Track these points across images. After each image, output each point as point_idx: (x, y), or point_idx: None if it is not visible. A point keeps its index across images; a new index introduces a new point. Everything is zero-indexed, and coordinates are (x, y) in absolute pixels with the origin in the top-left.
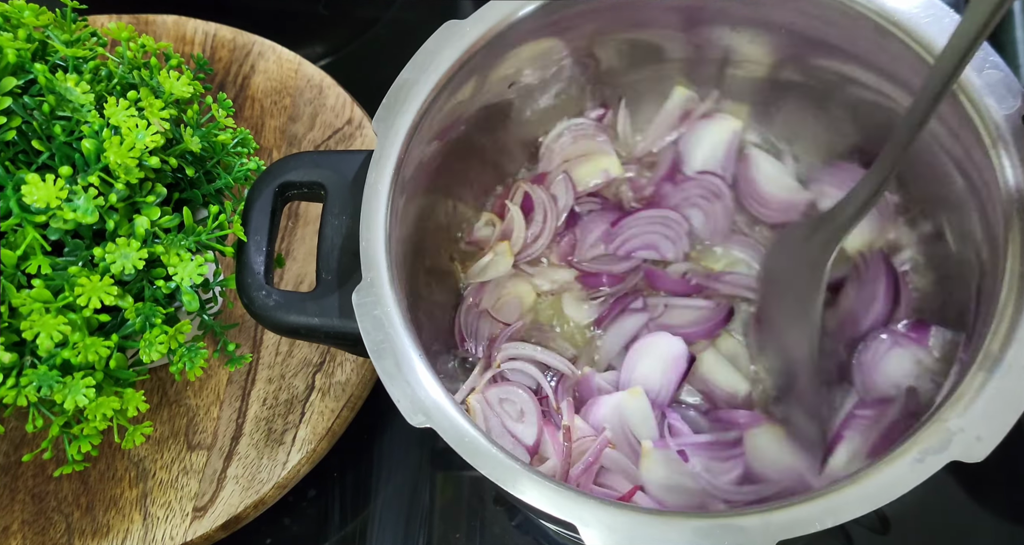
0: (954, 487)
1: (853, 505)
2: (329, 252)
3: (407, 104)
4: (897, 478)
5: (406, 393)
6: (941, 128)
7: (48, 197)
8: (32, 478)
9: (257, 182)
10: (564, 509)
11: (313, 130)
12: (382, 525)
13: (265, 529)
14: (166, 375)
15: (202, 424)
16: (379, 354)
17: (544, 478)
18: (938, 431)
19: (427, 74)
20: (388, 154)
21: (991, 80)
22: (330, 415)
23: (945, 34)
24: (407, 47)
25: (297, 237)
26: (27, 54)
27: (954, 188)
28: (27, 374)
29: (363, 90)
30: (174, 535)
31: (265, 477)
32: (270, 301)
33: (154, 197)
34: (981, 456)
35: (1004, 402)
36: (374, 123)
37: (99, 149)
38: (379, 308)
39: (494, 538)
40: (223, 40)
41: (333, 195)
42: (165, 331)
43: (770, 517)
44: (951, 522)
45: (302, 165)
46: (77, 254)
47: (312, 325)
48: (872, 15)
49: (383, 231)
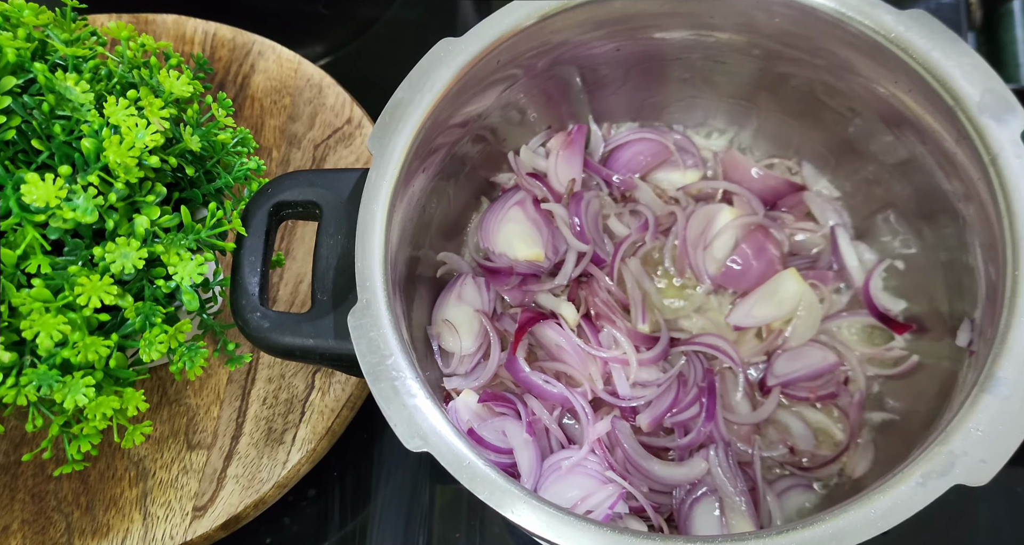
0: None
1: (857, 530)
2: (324, 272)
3: (402, 123)
4: (901, 502)
5: (403, 417)
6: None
7: (48, 196)
8: (32, 477)
9: (251, 202)
10: (563, 535)
11: (313, 129)
12: (382, 525)
13: (265, 529)
14: (166, 374)
15: (202, 423)
16: (375, 377)
17: (543, 503)
18: (941, 454)
19: (422, 93)
20: (384, 174)
21: (990, 98)
22: (330, 415)
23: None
24: (407, 47)
25: (297, 236)
26: (27, 53)
27: (954, 206)
28: (27, 373)
29: (363, 89)
30: (174, 534)
31: (265, 476)
32: (265, 322)
33: (154, 196)
34: (985, 479)
35: (1007, 424)
36: (369, 142)
37: (99, 148)
38: (375, 330)
39: (494, 538)
40: (223, 39)
41: (328, 214)
42: (165, 330)
43: (773, 542)
44: (950, 521)
45: (297, 184)
46: (77, 253)
47: (307, 346)
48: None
49: (379, 251)
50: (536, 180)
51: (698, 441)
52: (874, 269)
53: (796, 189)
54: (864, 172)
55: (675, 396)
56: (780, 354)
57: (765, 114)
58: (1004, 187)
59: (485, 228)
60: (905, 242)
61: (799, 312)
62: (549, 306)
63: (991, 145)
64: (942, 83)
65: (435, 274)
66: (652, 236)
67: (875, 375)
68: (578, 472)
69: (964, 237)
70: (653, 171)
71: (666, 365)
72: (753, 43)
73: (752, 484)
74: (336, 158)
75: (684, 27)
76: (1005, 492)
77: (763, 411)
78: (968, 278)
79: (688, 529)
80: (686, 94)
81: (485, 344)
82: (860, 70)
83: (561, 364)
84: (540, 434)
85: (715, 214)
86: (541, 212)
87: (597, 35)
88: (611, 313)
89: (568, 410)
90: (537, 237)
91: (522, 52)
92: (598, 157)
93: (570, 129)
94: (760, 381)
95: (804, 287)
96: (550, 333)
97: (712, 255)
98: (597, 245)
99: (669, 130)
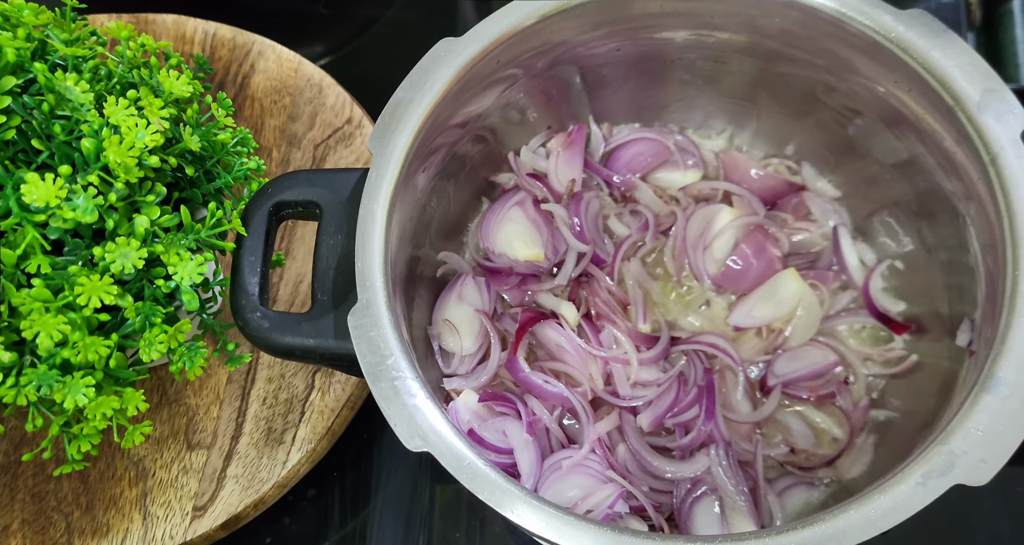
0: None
1: (857, 530)
2: (324, 272)
3: (402, 123)
4: (901, 502)
5: (403, 416)
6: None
7: (48, 196)
8: (32, 477)
9: (251, 202)
10: (563, 535)
11: (313, 129)
12: (382, 525)
13: (265, 528)
14: (166, 374)
15: (202, 423)
16: (375, 377)
17: (543, 503)
18: (941, 454)
19: (422, 93)
20: (384, 173)
21: (990, 98)
22: (330, 414)
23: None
24: (407, 47)
25: (297, 236)
26: (27, 53)
27: (954, 206)
28: (27, 373)
29: (363, 89)
30: (174, 534)
31: (265, 476)
32: (265, 322)
33: (154, 196)
34: (985, 479)
35: (1007, 424)
36: (369, 142)
37: (99, 148)
38: (375, 330)
39: (494, 537)
40: (223, 39)
41: (328, 214)
42: (165, 330)
43: (773, 542)
44: (950, 521)
45: (297, 184)
46: (77, 253)
47: (307, 346)
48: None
49: (379, 251)
50: (536, 180)
51: (699, 440)
52: (874, 269)
53: (796, 189)
54: (864, 172)
55: (675, 396)
56: (780, 354)
57: (765, 114)
58: (1004, 187)
59: (485, 228)
60: (905, 242)
61: (799, 312)
62: (549, 306)
63: (991, 145)
64: (942, 83)
65: (435, 274)
66: (652, 236)
67: (875, 375)
68: (578, 471)
69: (964, 237)
70: (654, 171)
71: (666, 365)
72: (753, 43)
73: (753, 483)
74: (336, 158)
75: (684, 27)
76: (1005, 492)
77: (764, 410)
78: (968, 278)
79: (688, 528)
80: (686, 94)
81: (485, 344)
82: (860, 70)
83: (561, 364)
84: (540, 434)
85: (715, 215)
86: (541, 212)
87: (597, 35)
88: (612, 313)
89: (568, 410)
90: (537, 237)
91: (522, 52)
92: (598, 157)
93: (570, 129)
94: (760, 381)
95: (804, 287)
96: (550, 333)
97: (712, 256)
98: (597, 245)
99: (669, 130)
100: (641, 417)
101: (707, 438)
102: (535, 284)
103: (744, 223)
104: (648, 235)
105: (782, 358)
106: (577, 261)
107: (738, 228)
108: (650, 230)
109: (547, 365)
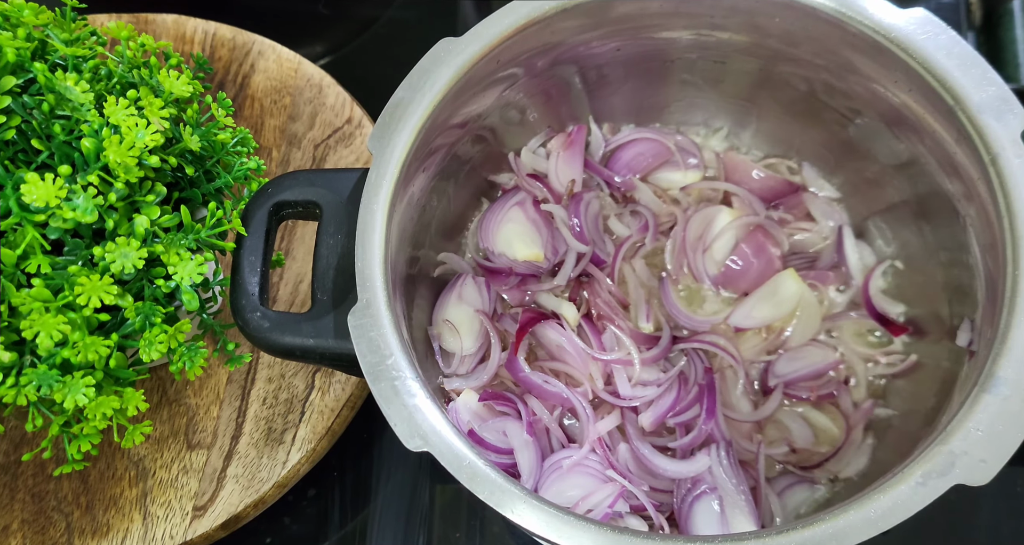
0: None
1: (857, 530)
2: (324, 272)
3: (402, 123)
4: (901, 502)
5: (403, 416)
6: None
7: (47, 196)
8: (32, 477)
9: (251, 202)
10: (563, 534)
11: (313, 129)
12: (382, 525)
13: (265, 528)
14: (166, 374)
15: (202, 423)
16: (375, 377)
17: (543, 503)
18: (941, 454)
19: (422, 93)
20: (384, 173)
21: (990, 98)
22: (330, 414)
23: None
24: (407, 47)
25: (297, 236)
26: (27, 53)
27: (955, 206)
28: (27, 373)
29: (363, 89)
30: (174, 534)
31: (265, 476)
32: (265, 322)
33: (154, 196)
34: (986, 479)
35: (1008, 424)
36: (369, 142)
37: (99, 148)
38: (375, 330)
39: (494, 537)
40: (223, 39)
41: (328, 214)
42: (165, 330)
43: (773, 542)
44: (950, 521)
45: (297, 184)
46: (77, 253)
47: (307, 346)
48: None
49: (379, 251)
50: (536, 181)
51: (699, 439)
52: (874, 269)
53: (796, 189)
54: (864, 172)
55: (676, 395)
56: (781, 354)
57: (765, 114)
58: (1004, 187)
59: (485, 228)
60: (905, 242)
61: (798, 312)
62: (550, 306)
63: (991, 145)
64: (942, 83)
65: (435, 274)
66: (652, 237)
67: (875, 375)
68: (579, 471)
69: (964, 237)
70: (654, 171)
71: (667, 364)
72: (754, 43)
73: (754, 482)
74: (336, 158)
75: (685, 27)
76: (1005, 492)
77: (765, 409)
78: (968, 278)
79: (689, 527)
80: (686, 94)
81: (486, 344)
82: (860, 70)
83: (561, 364)
84: (540, 434)
85: (715, 215)
86: (541, 213)
87: (597, 35)
88: (612, 313)
89: (569, 410)
90: (537, 237)
91: (522, 52)
92: (599, 157)
93: (570, 130)
94: (761, 380)
95: (803, 287)
96: (551, 333)
97: (712, 256)
98: (597, 246)
99: (669, 131)
100: (643, 417)
101: (708, 437)
102: (535, 284)
103: (744, 223)
104: (648, 236)
105: (783, 358)
106: (577, 261)
107: (738, 228)
108: (650, 230)
109: (547, 365)
